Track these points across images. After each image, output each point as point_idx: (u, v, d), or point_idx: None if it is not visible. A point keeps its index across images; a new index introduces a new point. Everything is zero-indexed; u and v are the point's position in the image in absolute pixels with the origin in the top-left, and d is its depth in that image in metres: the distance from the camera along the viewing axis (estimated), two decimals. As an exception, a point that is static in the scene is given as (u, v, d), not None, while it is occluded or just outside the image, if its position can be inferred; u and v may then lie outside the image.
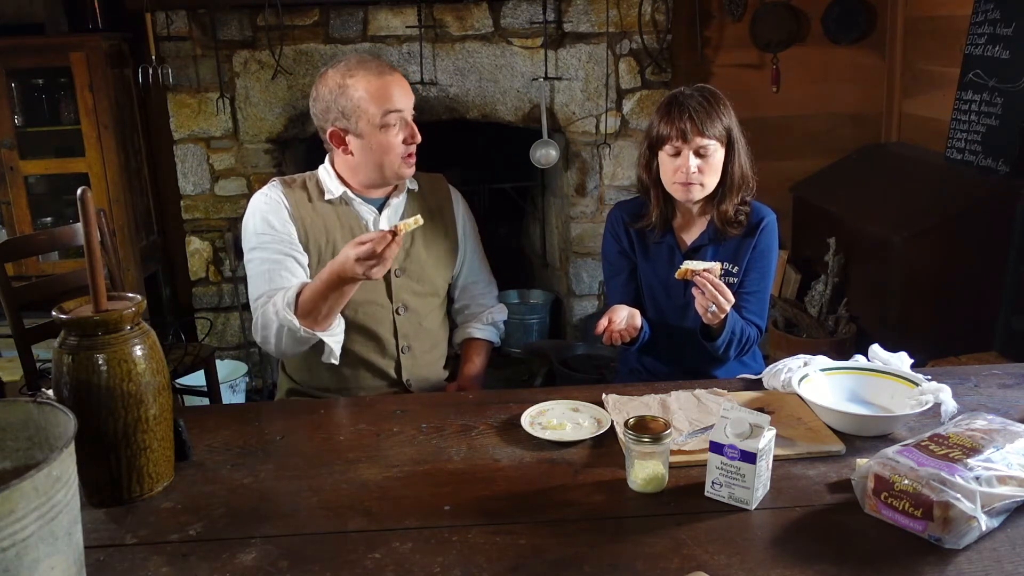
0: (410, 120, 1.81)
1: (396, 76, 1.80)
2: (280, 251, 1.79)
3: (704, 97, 1.83)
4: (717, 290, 1.70)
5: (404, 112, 1.79)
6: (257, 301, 1.78)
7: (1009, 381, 1.69)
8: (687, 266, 1.72)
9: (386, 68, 1.80)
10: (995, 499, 1.15)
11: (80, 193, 1.27)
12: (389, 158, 1.80)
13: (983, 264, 2.97)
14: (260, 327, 1.76)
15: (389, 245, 1.58)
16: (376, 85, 1.75)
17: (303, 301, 1.69)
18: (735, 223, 1.89)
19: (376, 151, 1.79)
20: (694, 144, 1.80)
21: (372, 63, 1.79)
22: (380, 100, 1.75)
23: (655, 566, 1.11)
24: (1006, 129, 2.94)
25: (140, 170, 3.56)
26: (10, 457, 1.13)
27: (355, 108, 1.76)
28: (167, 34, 3.34)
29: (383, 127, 1.76)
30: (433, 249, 1.93)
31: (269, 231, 1.80)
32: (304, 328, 1.69)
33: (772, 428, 1.27)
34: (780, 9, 3.70)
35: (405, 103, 1.79)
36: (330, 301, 1.68)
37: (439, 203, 1.98)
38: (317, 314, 1.69)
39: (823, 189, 3.75)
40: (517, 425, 1.51)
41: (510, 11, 3.41)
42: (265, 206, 1.83)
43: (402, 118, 1.78)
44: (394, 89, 1.77)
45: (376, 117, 1.75)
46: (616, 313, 1.77)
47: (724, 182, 1.87)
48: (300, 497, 1.30)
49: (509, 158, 3.90)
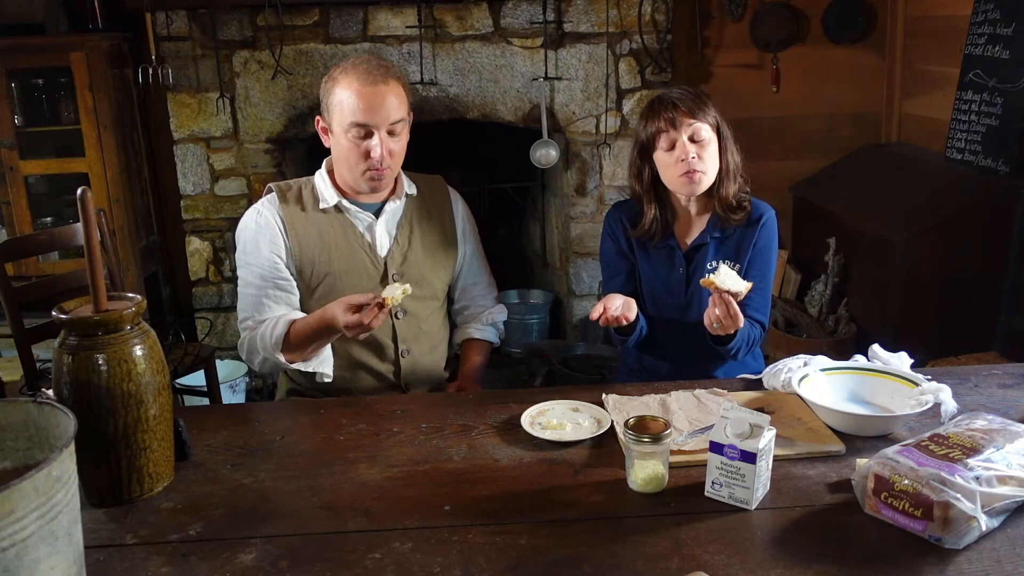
0: (380, 135, 1.73)
1: (378, 89, 1.71)
2: (263, 279, 1.82)
3: (686, 91, 1.84)
4: (733, 317, 1.66)
5: (372, 127, 1.72)
6: (243, 323, 1.85)
7: (1009, 381, 1.69)
8: (715, 281, 1.64)
9: (376, 78, 1.72)
10: (995, 499, 1.15)
11: (80, 193, 1.27)
12: (350, 166, 1.78)
13: (983, 264, 2.97)
14: (247, 350, 1.83)
15: (376, 316, 1.60)
16: (350, 92, 1.72)
17: (292, 339, 1.75)
18: (737, 208, 1.88)
19: (342, 154, 1.79)
20: (686, 129, 1.79)
21: (366, 70, 1.73)
22: (348, 110, 1.72)
23: (655, 566, 1.11)
24: (1006, 129, 2.95)
25: (140, 170, 3.55)
26: (10, 457, 1.13)
27: (333, 106, 1.76)
28: (167, 34, 3.34)
29: (348, 135, 1.74)
30: (432, 252, 1.93)
31: (255, 257, 1.82)
32: (290, 363, 1.78)
33: (772, 428, 1.27)
34: (780, 9, 3.70)
35: (376, 119, 1.72)
36: (317, 343, 1.77)
37: (438, 205, 1.98)
38: (304, 352, 1.77)
39: (823, 189, 3.75)
40: (517, 425, 1.51)
41: (510, 11, 3.41)
42: (255, 226, 1.83)
43: (366, 132, 1.73)
44: (369, 101, 1.70)
45: (343, 124, 1.74)
46: (611, 300, 1.74)
47: (721, 170, 1.86)
48: (300, 497, 1.30)
49: (509, 158, 3.90)
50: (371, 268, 1.86)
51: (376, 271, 1.86)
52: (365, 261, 1.85)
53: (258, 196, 3.45)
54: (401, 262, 1.88)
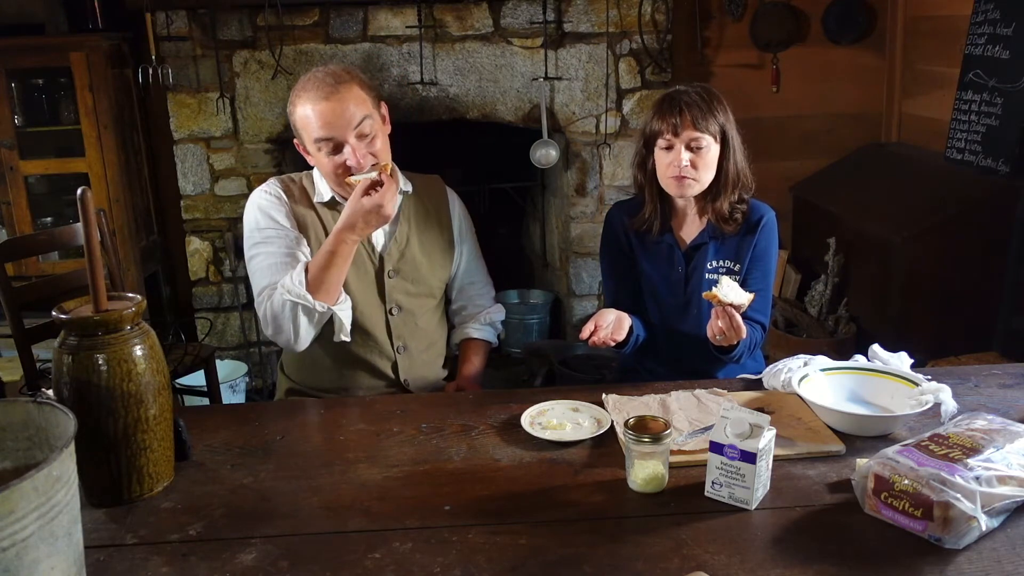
0: (349, 143, 1.73)
1: (330, 102, 1.71)
2: (287, 246, 1.79)
3: (699, 94, 1.83)
4: (735, 329, 1.66)
5: (338, 139, 1.73)
6: (262, 294, 1.77)
7: (1009, 381, 1.69)
8: (718, 294, 1.64)
9: (328, 91, 1.72)
10: (995, 499, 1.15)
11: (80, 193, 1.27)
12: (336, 179, 1.79)
13: (983, 264, 2.97)
14: (270, 317, 1.74)
15: (386, 191, 1.65)
16: (308, 111, 1.73)
17: (311, 276, 1.70)
18: (730, 221, 1.89)
19: (323, 170, 1.81)
20: (685, 138, 1.80)
21: (316, 86, 1.73)
22: (312, 128, 1.74)
23: (655, 566, 1.11)
24: (1006, 129, 2.95)
25: (140, 170, 3.55)
26: (10, 457, 1.13)
27: (300, 128, 1.78)
28: (167, 34, 3.33)
29: (319, 152, 1.76)
30: (428, 250, 1.93)
31: (274, 226, 1.81)
32: (318, 302, 1.69)
33: (772, 428, 1.27)
34: (780, 9, 3.70)
35: (337, 130, 1.72)
36: (336, 268, 1.70)
37: (435, 204, 1.98)
38: (328, 284, 1.70)
39: (823, 189, 3.75)
40: (517, 425, 1.51)
41: (510, 11, 3.41)
42: (266, 202, 1.83)
43: (335, 146, 1.73)
44: (325, 117, 1.71)
45: (311, 142, 1.76)
46: (603, 318, 1.75)
47: (719, 179, 1.87)
48: (300, 497, 1.30)
49: (509, 158, 3.90)
50: (368, 263, 1.86)
51: (373, 266, 1.87)
52: (363, 256, 1.85)
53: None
54: (398, 258, 1.88)
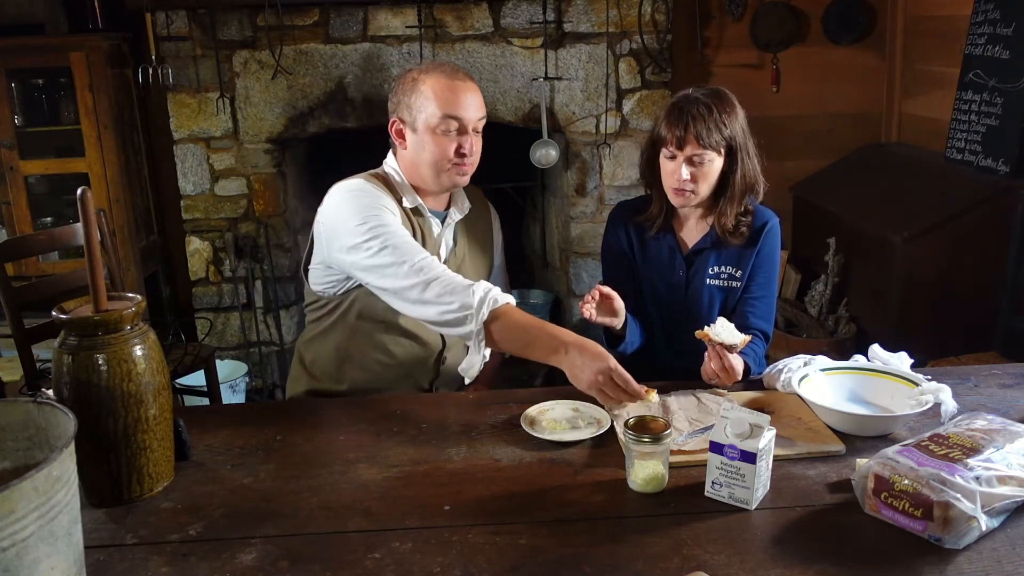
0: (470, 131, 1.75)
1: (469, 84, 1.75)
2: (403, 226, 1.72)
3: (709, 103, 1.79)
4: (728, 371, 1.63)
5: (465, 122, 1.73)
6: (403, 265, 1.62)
7: (1009, 381, 1.69)
8: (710, 334, 1.61)
9: (461, 75, 1.76)
10: (995, 499, 1.15)
11: (80, 193, 1.27)
12: (436, 161, 1.75)
13: (983, 264, 2.97)
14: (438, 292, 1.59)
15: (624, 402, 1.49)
16: (443, 85, 1.73)
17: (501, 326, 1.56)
18: (735, 234, 1.88)
19: (425, 151, 1.75)
20: (688, 152, 1.78)
21: (449, 68, 1.76)
22: (443, 102, 1.72)
23: (655, 566, 1.11)
24: (1006, 129, 2.95)
25: (140, 170, 3.56)
26: (10, 457, 1.13)
27: (421, 103, 1.74)
28: (167, 34, 3.33)
29: (438, 130, 1.73)
30: (475, 263, 1.95)
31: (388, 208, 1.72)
32: (481, 335, 1.56)
33: (772, 428, 1.27)
34: (780, 9, 3.70)
35: (469, 114, 1.74)
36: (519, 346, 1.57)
37: (484, 223, 2.01)
38: (503, 342, 1.58)
39: (823, 189, 3.75)
40: (517, 425, 1.51)
41: (510, 11, 3.41)
42: (372, 188, 1.75)
43: (460, 127, 1.73)
44: (462, 96, 1.73)
45: (434, 118, 1.72)
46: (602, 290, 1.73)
47: (724, 192, 1.85)
48: (300, 497, 1.30)
49: (509, 158, 3.89)
50: None
51: None
52: None
53: (258, 196, 3.52)
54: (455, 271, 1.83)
